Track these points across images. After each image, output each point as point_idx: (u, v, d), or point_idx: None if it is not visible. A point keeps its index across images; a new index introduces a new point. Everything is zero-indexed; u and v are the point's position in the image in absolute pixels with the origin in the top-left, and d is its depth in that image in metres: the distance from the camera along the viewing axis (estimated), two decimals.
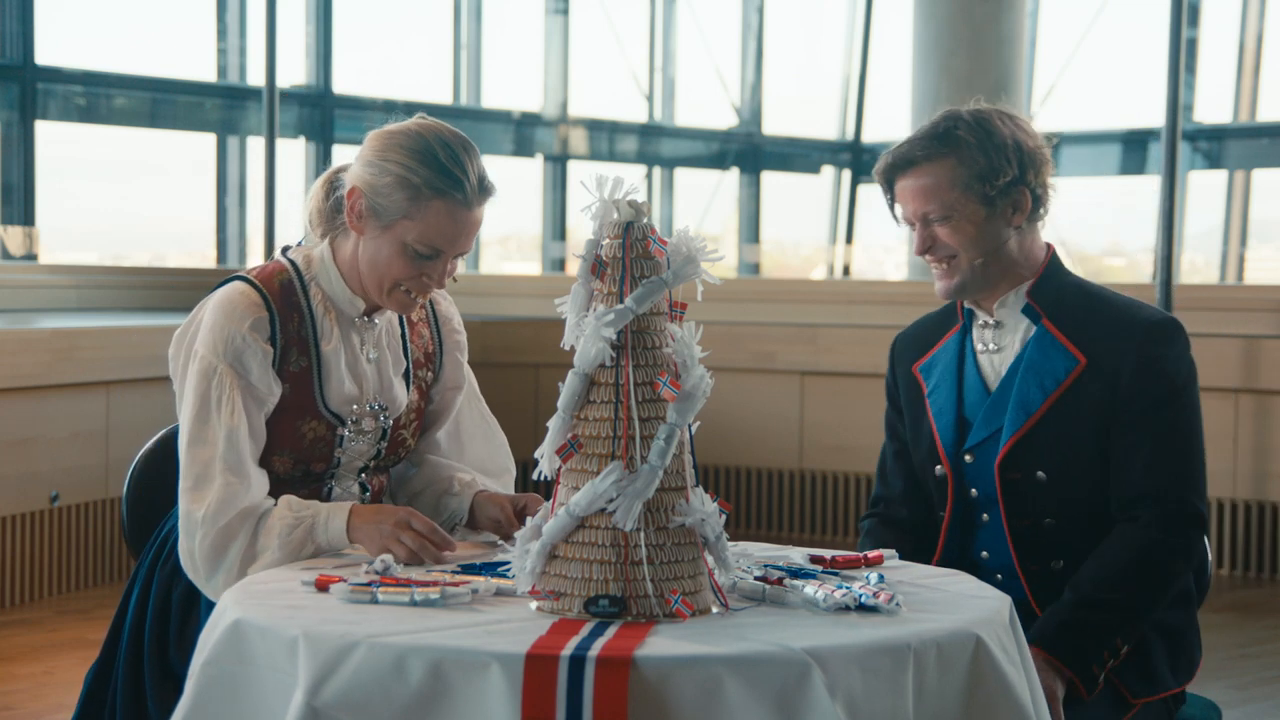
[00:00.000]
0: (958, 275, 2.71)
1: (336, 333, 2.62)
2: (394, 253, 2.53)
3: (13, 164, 8.72)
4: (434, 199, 2.50)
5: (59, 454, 5.69)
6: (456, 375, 2.80)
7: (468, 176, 2.51)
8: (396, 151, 2.52)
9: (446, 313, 2.81)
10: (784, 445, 7.16)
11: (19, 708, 4.40)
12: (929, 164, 2.70)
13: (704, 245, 2.14)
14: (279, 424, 2.57)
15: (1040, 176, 2.71)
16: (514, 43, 12.59)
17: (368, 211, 2.53)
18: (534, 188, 12.38)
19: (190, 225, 10.88)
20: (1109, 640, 2.56)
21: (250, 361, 2.52)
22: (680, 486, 2.11)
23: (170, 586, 2.62)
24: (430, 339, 2.77)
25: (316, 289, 2.62)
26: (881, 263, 14.16)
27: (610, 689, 1.84)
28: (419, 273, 2.54)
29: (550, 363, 7.15)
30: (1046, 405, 2.66)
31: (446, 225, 2.51)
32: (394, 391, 2.68)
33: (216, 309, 2.55)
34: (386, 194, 2.51)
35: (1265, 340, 6.44)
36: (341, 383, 2.61)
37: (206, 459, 2.49)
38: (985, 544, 2.76)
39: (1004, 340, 2.76)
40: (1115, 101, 13.41)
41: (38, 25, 8.83)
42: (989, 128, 2.68)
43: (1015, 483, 2.68)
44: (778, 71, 13.76)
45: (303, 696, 1.90)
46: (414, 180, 2.50)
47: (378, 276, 2.57)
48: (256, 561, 2.46)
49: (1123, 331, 2.66)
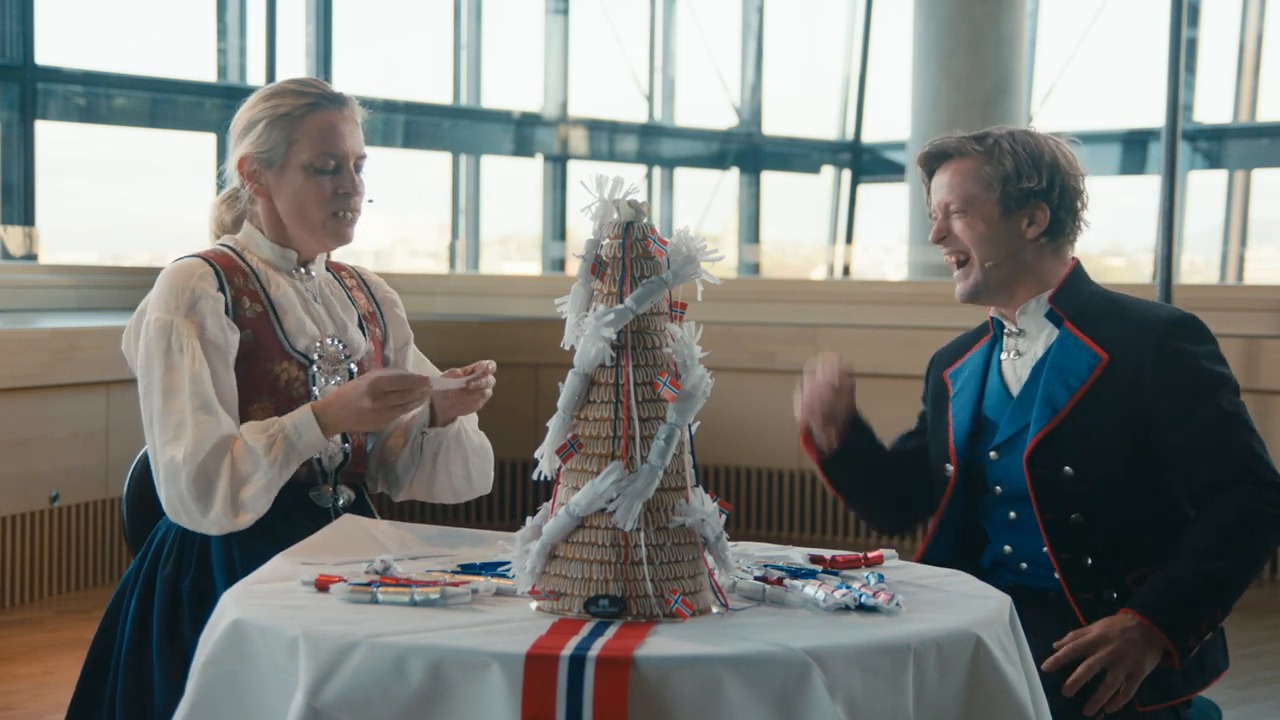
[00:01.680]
0: (972, 277, 2.79)
1: (283, 282, 2.76)
2: (302, 181, 2.73)
3: (13, 164, 8.72)
4: (307, 114, 2.73)
5: (59, 454, 5.69)
6: (404, 330, 2.96)
7: (323, 90, 2.77)
8: (256, 106, 2.76)
9: (375, 279, 2.99)
10: (784, 445, 7.15)
11: (19, 708, 4.40)
12: (960, 158, 2.79)
13: (704, 245, 2.14)
14: (252, 370, 2.67)
15: (1067, 200, 2.77)
16: (514, 43, 12.59)
17: (261, 165, 2.74)
18: (534, 188, 12.38)
19: (190, 225, 10.87)
20: (1209, 611, 2.58)
21: (203, 308, 2.63)
22: (680, 486, 2.11)
23: (176, 579, 2.64)
24: (368, 300, 2.92)
25: (251, 255, 2.78)
26: (881, 263, 14.15)
27: (610, 689, 1.84)
28: (334, 188, 2.73)
29: (550, 363, 7.14)
30: (1072, 402, 2.70)
31: (329, 130, 2.73)
32: (350, 333, 2.80)
33: (164, 278, 2.69)
34: (265, 139, 2.73)
35: (1265, 340, 6.44)
36: (301, 321, 2.73)
37: (179, 407, 2.57)
38: (1009, 539, 2.79)
39: (1027, 346, 2.81)
40: (1115, 101, 13.41)
41: (38, 25, 8.83)
42: (1030, 140, 2.78)
43: (1043, 479, 2.70)
44: (778, 71, 13.77)
45: (303, 696, 1.90)
46: (279, 111, 2.73)
47: (303, 212, 2.74)
48: (247, 485, 2.55)
49: (1143, 328, 2.70)
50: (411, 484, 2.85)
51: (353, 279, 2.93)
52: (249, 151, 2.74)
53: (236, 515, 2.55)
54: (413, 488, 2.86)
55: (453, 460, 2.81)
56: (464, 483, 2.83)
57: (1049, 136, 2.80)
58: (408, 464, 2.84)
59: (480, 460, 2.85)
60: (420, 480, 2.84)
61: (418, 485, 2.85)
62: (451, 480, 2.82)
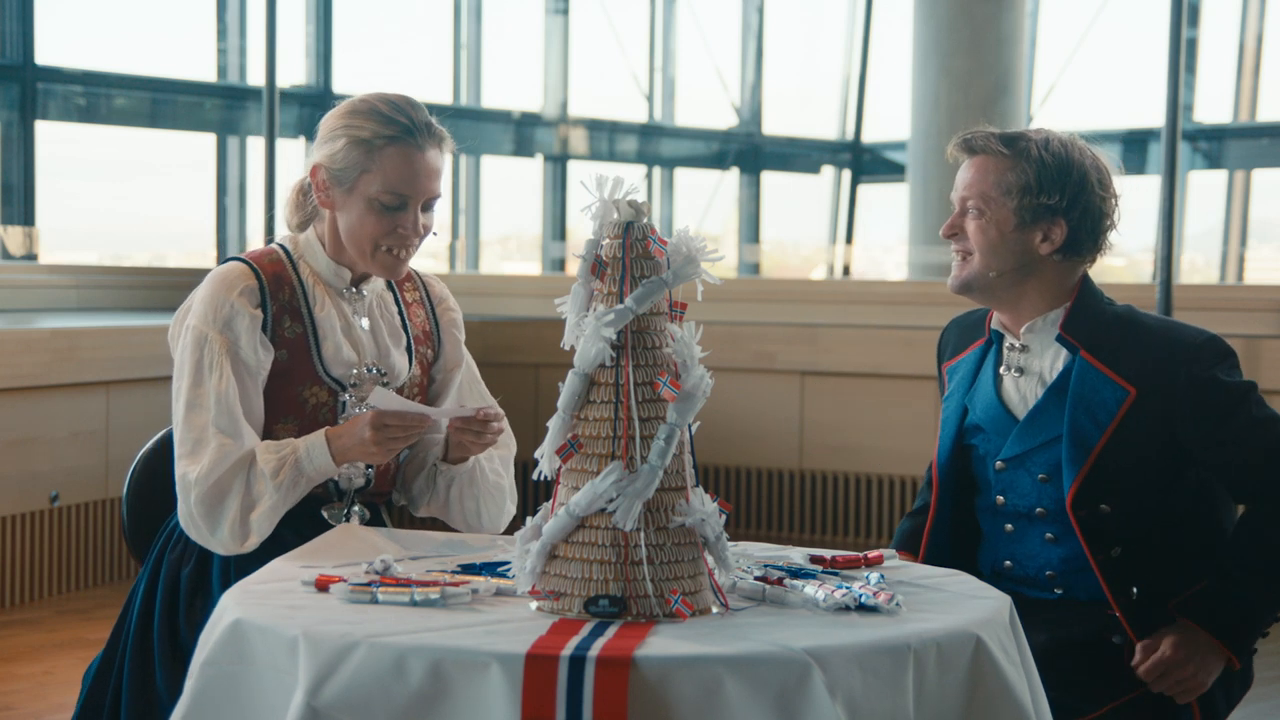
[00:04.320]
0: (967, 272, 2.74)
1: (329, 302, 2.72)
2: (363, 211, 2.66)
3: (13, 164, 8.72)
4: (385, 146, 2.64)
5: (59, 454, 5.69)
6: (456, 354, 2.89)
7: (413, 121, 2.67)
8: (343, 118, 2.68)
9: (440, 293, 2.91)
10: (784, 445, 7.15)
11: (19, 708, 4.40)
12: (986, 157, 2.72)
13: (704, 245, 2.14)
14: (281, 391, 2.65)
15: (1090, 221, 2.69)
16: (514, 43, 12.58)
17: (331, 181, 2.68)
18: (534, 188, 12.38)
19: (190, 225, 10.88)
20: (1269, 613, 2.61)
21: (239, 326, 2.61)
22: (680, 486, 2.11)
23: (179, 566, 2.66)
24: (426, 318, 2.86)
25: (305, 265, 2.73)
26: (881, 263, 14.15)
27: (610, 689, 1.84)
28: (393, 226, 2.66)
29: (550, 363, 7.15)
30: (1103, 441, 2.65)
31: (403, 168, 2.65)
32: (392, 359, 2.76)
33: (209, 283, 2.66)
34: (342, 158, 2.66)
35: (1265, 340, 6.44)
36: (339, 347, 2.69)
37: (201, 424, 2.57)
38: (1009, 554, 2.78)
39: (1031, 364, 2.75)
40: (1115, 101, 13.41)
41: (38, 25, 8.83)
42: (1061, 153, 2.69)
43: (1081, 518, 2.67)
44: (778, 71, 13.76)
45: (303, 696, 1.90)
46: (363, 135, 2.65)
47: (357, 241, 2.68)
48: (256, 508, 2.55)
49: (1168, 357, 2.64)
50: (428, 506, 2.86)
51: (415, 291, 2.87)
52: (323, 162, 2.69)
53: (244, 540, 2.56)
54: (429, 509, 2.87)
55: (465, 497, 2.81)
56: (475, 519, 2.84)
57: (1089, 150, 2.71)
58: (422, 489, 2.84)
59: (492, 502, 2.84)
60: (435, 506, 2.85)
61: (433, 508, 2.86)
62: (464, 514, 2.83)
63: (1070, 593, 2.72)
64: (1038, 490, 2.72)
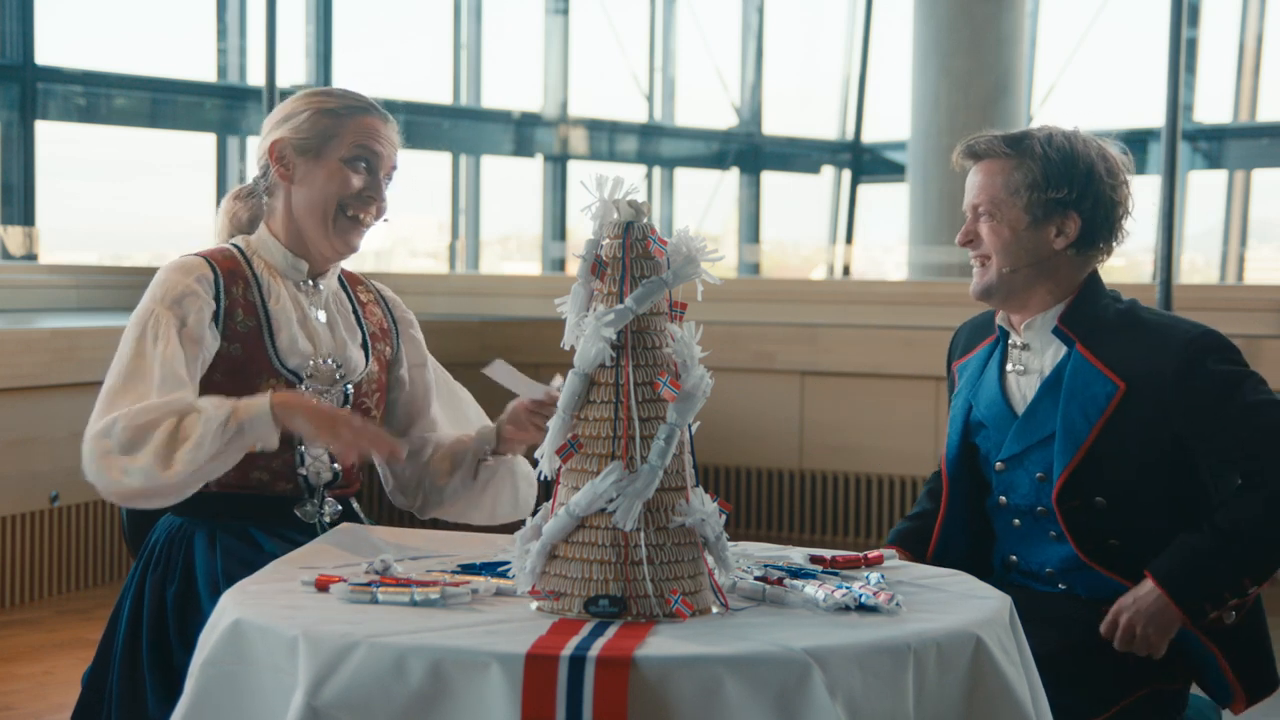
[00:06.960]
0: (987, 277, 2.74)
1: (285, 294, 2.73)
2: (333, 172, 2.70)
3: (13, 164, 8.72)
4: (352, 115, 2.74)
5: (59, 454, 5.68)
6: (419, 352, 2.93)
7: (369, 100, 2.79)
8: (304, 99, 2.76)
9: (394, 297, 2.96)
10: (784, 445, 7.15)
11: (19, 708, 4.40)
12: (992, 160, 2.73)
13: (704, 245, 2.14)
14: (238, 385, 2.61)
15: (1102, 212, 2.70)
16: (514, 43, 12.59)
17: (294, 153, 2.72)
18: (534, 188, 12.38)
19: (190, 225, 10.88)
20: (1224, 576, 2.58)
21: (188, 306, 2.60)
22: (680, 486, 2.11)
23: (163, 588, 2.62)
24: (383, 316, 2.89)
25: (259, 260, 2.75)
26: (881, 263, 14.15)
27: (610, 689, 1.84)
28: (360, 186, 2.71)
29: (550, 363, 7.14)
30: (1093, 435, 2.65)
31: (371, 131, 2.74)
32: (349, 352, 2.76)
33: (161, 271, 2.67)
34: (309, 127, 2.72)
35: (1265, 340, 6.44)
36: (294, 339, 2.69)
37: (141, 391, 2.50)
38: (1014, 548, 2.79)
39: (1032, 363, 2.77)
40: (1115, 101, 13.41)
41: (38, 25, 8.83)
42: (1066, 146, 2.70)
43: (1075, 510, 2.68)
44: (778, 71, 13.77)
45: (303, 696, 1.90)
46: (329, 105, 2.74)
47: (321, 206, 2.71)
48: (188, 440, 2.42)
49: (1159, 350, 2.65)
50: (454, 504, 2.86)
51: (369, 293, 2.90)
52: (285, 136, 2.73)
53: (166, 467, 2.41)
54: (452, 508, 2.87)
55: (503, 487, 2.84)
56: (510, 507, 2.86)
57: (1093, 141, 2.72)
58: (457, 488, 2.85)
59: (529, 486, 2.87)
60: (464, 501, 2.86)
61: (459, 506, 2.87)
62: (496, 505, 2.85)
63: (1072, 590, 2.73)
64: (1036, 490, 2.72)
